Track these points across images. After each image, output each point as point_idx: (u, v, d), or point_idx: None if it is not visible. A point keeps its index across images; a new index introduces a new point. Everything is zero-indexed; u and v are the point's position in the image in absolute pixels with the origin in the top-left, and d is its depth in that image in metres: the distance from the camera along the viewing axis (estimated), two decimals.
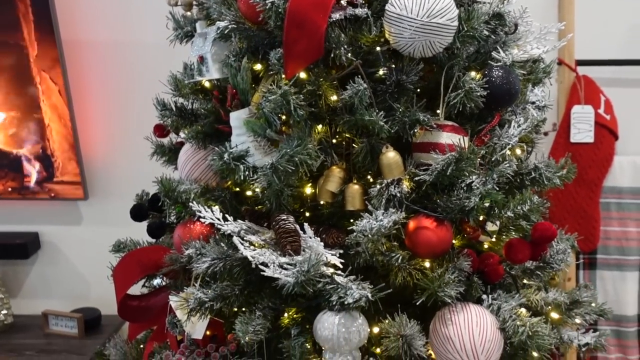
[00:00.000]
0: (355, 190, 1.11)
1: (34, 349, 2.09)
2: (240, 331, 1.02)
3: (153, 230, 1.33)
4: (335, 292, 1.01)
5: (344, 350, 1.03)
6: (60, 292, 2.40)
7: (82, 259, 2.39)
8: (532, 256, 1.13)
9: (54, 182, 2.25)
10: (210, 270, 1.07)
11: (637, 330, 2.17)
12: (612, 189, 2.15)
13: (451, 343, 1.04)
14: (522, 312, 1.06)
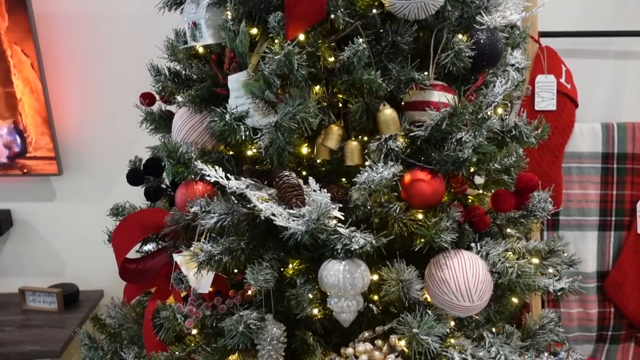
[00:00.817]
0: (354, 146, 1.17)
1: (13, 325, 2.08)
2: (251, 279, 1.07)
3: (150, 194, 1.36)
4: (340, 241, 1.07)
5: (349, 295, 1.09)
6: (35, 269, 2.38)
7: (57, 236, 2.37)
8: (517, 205, 1.22)
9: (27, 157, 2.22)
10: (219, 225, 1.11)
11: (596, 285, 2.32)
12: (572, 154, 2.29)
13: (447, 285, 1.12)
14: (510, 255, 1.15)
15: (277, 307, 1.20)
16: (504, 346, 1.16)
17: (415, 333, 1.06)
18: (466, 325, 1.22)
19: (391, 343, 1.13)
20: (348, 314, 1.11)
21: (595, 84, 2.32)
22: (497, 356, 1.14)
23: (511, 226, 1.27)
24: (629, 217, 2.28)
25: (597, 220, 2.30)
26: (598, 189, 2.29)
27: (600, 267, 2.32)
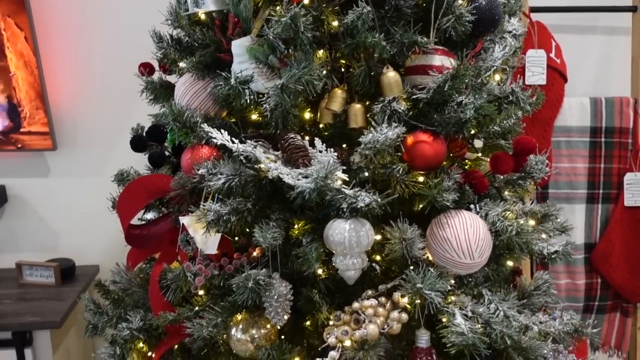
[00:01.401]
0: (358, 108, 1.19)
1: (11, 298, 2.09)
2: (260, 237, 1.09)
3: (154, 159, 1.38)
4: (345, 201, 1.10)
5: (354, 252, 1.12)
6: (31, 244, 2.38)
7: (52, 211, 2.37)
8: (515, 167, 1.26)
9: (21, 132, 2.21)
10: (226, 186, 1.13)
11: (584, 257, 2.38)
12: (562, 128, 2.33)
13: (448, 243, 1.16)
14: (509, 214, 1.19)
15: (283, 269, 1.23)
16: (502, 303, 1.20)
17: (419, 288, 1.10)
18: (466, 284, 1.26)
19: (394, 300, 1.16)
20: (353, 272, 1.15)
21: (584, 59, 2.37)
22: (496, 312, 1.18)
23: (509, 188, 1.31)
24: (616, 190, 2.34)
25: (585, 193, 2.35)
26: (586, 162, 2.34)
27: (588, 239, 2.38)
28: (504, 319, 1.17)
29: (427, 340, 1.17)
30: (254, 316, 1.24)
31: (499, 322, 1.16)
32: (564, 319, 1.33)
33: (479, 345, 1.11)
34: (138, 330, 1.34)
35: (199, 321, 1.17)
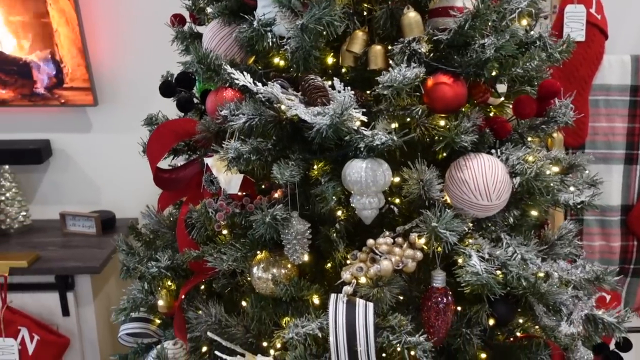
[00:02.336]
0: (378, 50, 1.20)
1: (55, 245, 2.20)
2: (277, 173, 1.12)
3: (182, 104, 1.42)
4: (363, 141, 1.12)
5: (371, 191, 1.14)
6: (73, 197, 2.49)
7: (93, 165, 2.47)
8: (538, 111, 1.25)
9: (64, 88, 2.30)
10: (247, 125, 1.16)
11: (620, 219, 2.33)
12: (601, 87, 2.27)
13: (466, 185, 1.16)
14: (529, 158, 1.18)
15: (304, 211, 1.26)
16: (520, 247, 1.20)
17: (434, 227, 1.11)
18: (484, 228, 1.26)
19: (411, 240, 1.18)
20: (370, 211, 1.17)
21: (626, 16, 2.28)
22: (513, 255, 1.18)
23: (532, 134, 1.30)
24: None
25: (623, 153, 2.29)
26: (625, 122, 2.28)
27: (625, 201, 2.32)
28: (520, 262, 1.17)
29: (442, 280, 1.19)
30: (275, 255, 1.28)
31: (515, 265, 1.16)
32: (586, 268, 1.32)
33: (493, 285, 1.12)
34: (166, 269, 1.40)
35: (219, 255, 1.21)
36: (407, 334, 1.14)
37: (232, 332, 1.32)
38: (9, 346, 2.02)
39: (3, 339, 2.02)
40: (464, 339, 1.27)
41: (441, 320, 1.18)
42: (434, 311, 1.18)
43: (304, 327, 1.14)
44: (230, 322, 1.32)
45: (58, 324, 2.09)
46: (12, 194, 2.28)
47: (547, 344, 1.38)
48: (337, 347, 1.08)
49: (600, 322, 1.32)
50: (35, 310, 2.07)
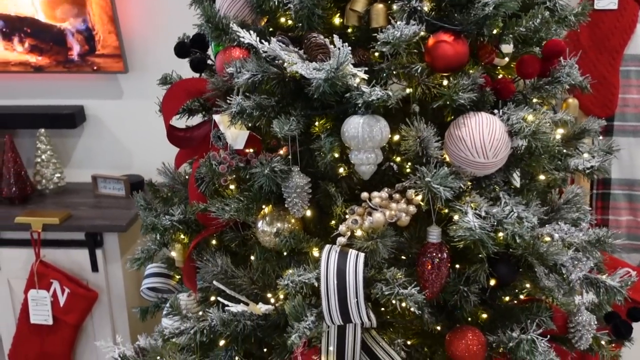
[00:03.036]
0: (380, 8, 1.21)
1: (86, 206, 2.31)
2: (277, 127, 1.16)
3: (195, 65, 1.47)
4: (361, 97, 1.14)
5: (368, 147, 1.17)
6: (106, 161, 2.60)
7: (124, 131, 2.56)
8: (542, 71, 1.24)
9: (96, 55, 2.39)
10: (251, 81, 1.20)
11: None
12: (633, 57, 2.21)
13: (463, 142, 1.17)
14: (528, 117, 1.18)
15: (308, 169, 1.29)
16: (518, 206, 1.21)
17: (428, 182, 1.13)
18: (484, 188, 1.27)
19: (408, 197, 1.20)
20: (367, 166, 1.19)
21: None
22: (510, 214, 1.19)
23: (536, 94, 1.29)
24: None
25: None
26: None
27: None
28: (517, 220, 1.18)
29: (437, 236, 1.20)
30: (279, 210, 1.32)
31: (511, 223, 1.17)
32: (589, 231, 1.31)
33: (486, 241, 1.14)
34: (179, 222, 1.47)
35: (222, 206, 1.26)
36: (400, 287, 1.17)
37: (238, 283, 1.38)
38: (42, 297, 2.15)
39: (37, 291, 2.15)
40: (461, 296, 1.29)
41: (435, 274, 1.20)
42: (428, 266, 1.20)
43: (300, 276, 1.18)
44: (236, 273, 1.37)
45: (88, 279, 2.20)
46: (47, 156, 2.40)
47: (548, 307, 1.39)
48: (328, 294, 1.12)
49: (602, 285, 1.32)
50: (67, 265, 2.18)
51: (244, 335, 1.32)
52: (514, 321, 1.36)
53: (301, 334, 1.17)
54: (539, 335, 1.24)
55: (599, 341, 1.52)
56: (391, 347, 1.28)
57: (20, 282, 2.20)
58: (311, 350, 1.25)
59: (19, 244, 2.18)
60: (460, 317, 1.34)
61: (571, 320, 1.42)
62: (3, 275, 2.23)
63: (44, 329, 2.20)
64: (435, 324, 1.34)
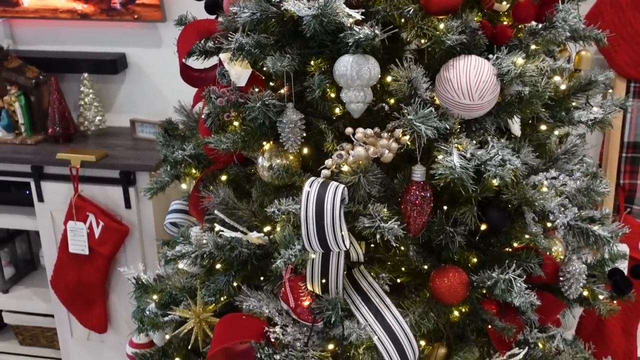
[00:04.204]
0: None
1: (123, 147, 2.45)
2: (270, 63, 1.22)
3: (209, 7, 1.54)
4: (352, 37, 1.18)
5: (356, 85, 1.21)
6: (145, 108, 2.72)
7: (163, 78, 2.68)
8: (538, 15, 1.24)
9: (136, 4, 2.50)
10: (250, 19, 1.26)
11: None
12: None
13: (450, 84, 1.20)
14: (517, 61, 1.19)
15: (305, 109, 1.35)
16: (504, 149, 1.23)
17: (410, 119, 1.17)
18: (474, 132, 1.29)
19: (395, 136, 1.24)
20: (356, 104, 1.24)
21: None
22: (494, 156, 1.21)
23: (532, 40, 1.29)
24: None
25: None
26: None
27: None
28: (500, 162, 1.20)
29: (421, 175, 1.24)
30: (279, 147, 1.39)
31: (494, 165, 1.20)
32: (580, 179, 1.32)
33: (465, 180, 1.17)
34: (190, 157, 1.57)
35: (220, 138, 1.34)
36: (382, 221, 1.22)
37: (239, 215, 1.47)
38: (80, 229, 2.32)
39: (75, 222, 2.32)
40: (448, 237, 1.33)
41: (417, 212, 1.25)
42: (411, 203, 1.25)
43: (288, 205, 1.26)
44: (237, 205, 1.46)
45: (121, 215, 2.36)
46: (90, 99, 2.55)
47: (538, 253, 1.41)
48: (307, 220, 1.19)
49: (592, 234, 1.33)
50: (102, 201, 2.34)
51: (239, 261, 1.42)
52: (503, 267, 1.40)
53: (286, 260, 1.25)
54: (517, 277, 1.26)
55: (595, 294, 1.53)
56: (376, 280, 1.34)
57: (61, 214, 2.38)
58: (298, 277, 1.33)
59: (61, 179, 2.35)
60: (448, 258, 1.39)
61: (561, 270, 1.44)
62: (46, 207, 2.42)
63: (81, 258, 2.38)
64: (422, 264, 1.39)
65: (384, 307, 1.30)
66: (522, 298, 1.29)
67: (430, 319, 1.33)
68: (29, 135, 2.51)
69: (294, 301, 1.31)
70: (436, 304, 1.36)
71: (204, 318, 1.49)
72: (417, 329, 1.32)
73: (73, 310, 2.51)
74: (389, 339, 1.27)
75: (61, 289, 2.47)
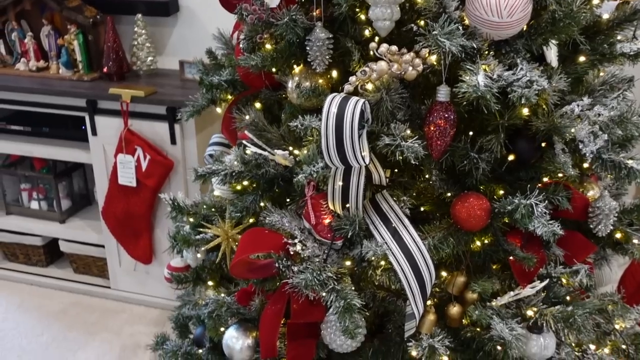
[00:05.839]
0: None
1: (171, 86, 2.54)
2: None
3: None
4: None
5: (384, 2, 1.21)
6: (194, 51, 2.78)
7: (213, 22, 2.71)
8: None
9: None
10: None
11: None
12: None
13: (479, 1, 1.18)
14: None
15: (337, 32, 1.36)
16: (532, 71, 1.20)
17: (435, 35, 1.16)
18: (503, 54, 1.26)
19: (422, 55, 1.24)
20: (383, 22, 1.23)
21: None
22: (522, 77, 1.19)
23: None
24: None
25: None
26: None
27: None
28: (527, 84, 1.18)
29: (445, 94, 1.23)
30: (309, 70, 1.41)
31: (521, 86, 1.18)
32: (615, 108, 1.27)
33: (489, 99, 1.16)
34: (225, 82, 1.61)
35: (250, 57, 1.37)
36: (403, 139, 1.23)
37: (269, 137, 1.50)
38: (128, 161, 2.43)
39: (124, 155, 2.43)
40: (472, 162, 1.32)
41: (439, 132, 1.24)
42: (433, 124, 1.24)
43: (312, 121, 1.28)
44: (267, 128, 1.50)
45: (167, 150, 2.45)
46: (142, 39, 2.64)
47: (567, 187, 1.38)
48: (327, 133, 1.21)
49: (624, 166, 1.29)
50: (150, 136, 2.44)
51: (266, 180, 1.46)
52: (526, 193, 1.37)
53: (307, 175, 1.28)
54: (539, 202, 1.25)
55: (628, 236, 1.49)
56: (397, 203, 1.35)
57: (112, 147, 2.49)
58: (320, 194, 1.36)
59: (113, 113, 2.46)
60: (473, 187, 1.38)
61: (591, 205, 1.40)
62: (99, 141, 2.54)
63: (129, 190, 2.50)
64: (446, 191, 1.39)
65: (402, 227, 1.31)
66: (545, 227, 1.27)
67: (449, 244, 1.33)
68: (86, 73, 2.63)
69: (315, 218, 1.34)
70: (457, 231, 1.36)
71: (231, 235, 1.54)
72: (435, 252, 1.32)
73: (121, 241, 2.65)
74: (406, 259, 1.28)
75: (111, 219, 2.61)
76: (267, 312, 1.41)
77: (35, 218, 2.92)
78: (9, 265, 3.04)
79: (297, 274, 1.27)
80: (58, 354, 2.51)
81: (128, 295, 2.80)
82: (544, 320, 1.33)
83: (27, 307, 2.81)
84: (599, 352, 1.48)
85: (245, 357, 1.52)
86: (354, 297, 1.25)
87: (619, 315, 1.49)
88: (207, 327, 1.63)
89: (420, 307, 1.31)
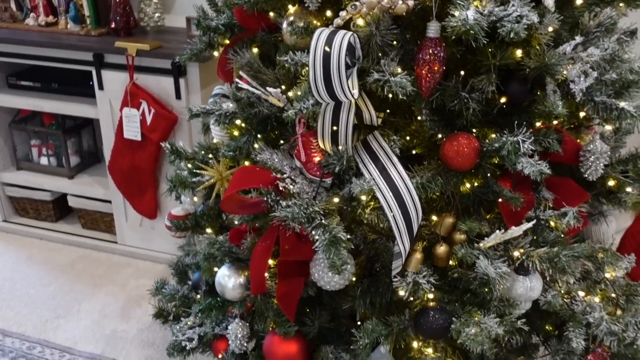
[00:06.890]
0: None
1: (177, 42, 2.54)
2: None
3: None
4: None
5: None
6: None
7: None
8: None
9: None
10: None
11: None
12: None
13: None
14: None
15: None
16: (524, 7, 1.19)
17: None
18: None
19: None
20: None
21: None
22: (512, 12, 1.18)
23: None
24: None
25: None
26: None
27: None
28: (517, 19, 1.17)
29: (435, 30, 1.23)
30: (303, 10, 1.42)
31: (511, 21, 1.17)
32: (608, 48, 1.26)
33: (477, 32, 1.15)
34: (223, 25, 1.62)
35: None
36: (392, 75, 1.23)
37: (264, 79, 1.51)
38: (133, 115, 2.46)
39: (129, 109, 2.46)
40: (462, 102, 1.32)
41: (428, 69, 1.24)
42: (422, 61, 1.24)
43: (302, 57, 1.29)
44: (262, 69, 1.51)
45: (172, 105, 2.47)
46: None
47: (559, 131, 1.38)
48: (314, 66, 1.21)
49: (615, 108, 1.28)
50: (155, 91, 2.46)
51: (259, 119, 1.47)
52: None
53: (296, 111, 1.29)
54: (525, 139, 1.25)
55: (622, 184, 1.49)
56: (386, 142, 1.36)
57: (118, 102, 2.52)
58: (310, 132, 1.37)
59: (119, 68, 2.49)
60: (464, 130, 1.38)
61: (582, 149, 1.40)
62: (106, 95, 2.57)
63: (135, 144, 2.53)
64: (437, 132, 1.39)
65: (391, 165, 1.32)
66: (533, 167, 1.27)
67: (437, 184, 1.34)
68: (94, 28, 2.65)
69: (306, 156, 1.36)
70: (446, 172, 1.36)
71: (225, 176, 1.57)
72: (422, 191, 1.33)
73: (127, 195, 2.69)
74: (393, 196, 1.30)
75: (117, 173, 2.65)
76: (257, 248, 1.44)
77: (44, 173, 2.98)
78: (19, 219, 3.11)
79: (284, 208, 1.29)
80: (64, 303, 2.58)
81: (134, 250, 2.86)
82: (530, 261, 1.34)
83: (37, 259, 2.88)
84: (588, 299, 1.48)
85: (237, 294, 1.55)
86: (340, 231, 1.26)
87: (609, 263, 1.49)
88: (202, 268, 1.67)
89: (407, 244, 1.32)
